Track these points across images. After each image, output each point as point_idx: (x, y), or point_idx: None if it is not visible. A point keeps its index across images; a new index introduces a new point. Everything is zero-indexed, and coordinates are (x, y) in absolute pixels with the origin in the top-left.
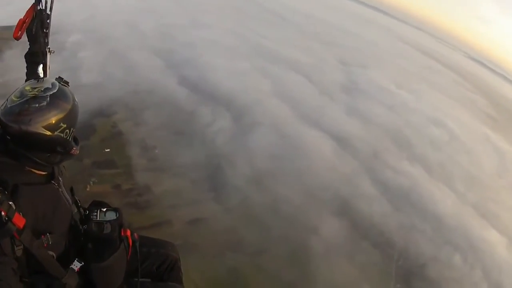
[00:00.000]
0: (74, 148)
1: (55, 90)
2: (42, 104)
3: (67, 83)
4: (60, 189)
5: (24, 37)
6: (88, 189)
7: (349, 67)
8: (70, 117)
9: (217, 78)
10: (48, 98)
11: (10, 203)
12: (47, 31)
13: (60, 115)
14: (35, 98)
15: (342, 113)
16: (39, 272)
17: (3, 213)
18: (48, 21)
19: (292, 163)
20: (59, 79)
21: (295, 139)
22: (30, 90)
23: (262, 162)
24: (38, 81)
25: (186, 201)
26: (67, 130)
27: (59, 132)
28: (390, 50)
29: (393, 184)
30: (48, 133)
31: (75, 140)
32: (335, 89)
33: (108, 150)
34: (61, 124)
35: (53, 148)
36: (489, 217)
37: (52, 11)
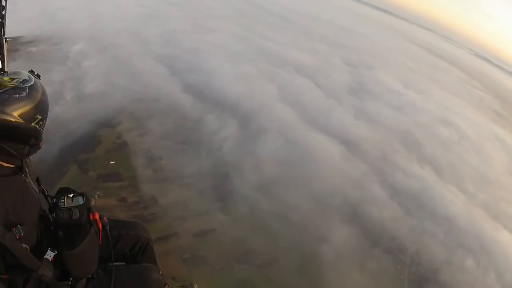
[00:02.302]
0: (42, 142)
1: (32, 82)
2: (22, 95)
3: (39, 76)
4: (27, 180)
5: None
6: (93, 203)
7: (356, 68)
8: (44, 109)
9: (223, 84)
10: (27, 90)
11: None
12: (2, 21)
13: (37, 107)
14: (14, 88)
15: (350, 116)
16: (14, 267)
17: None
18: (3, 12)
19: (300, 169)
20: (31, 72)
21: (302, 144)
22: (9, 80)
23: (269, 169)
24: (14, 73)
25: (193, 213)
26: (41, 122)
27: (35, 123)
28: (396, 50)
29: (403, 187)
30: (26, 124)
31: None
32: (342, 92)
33: (113, 162)
34: (37, 116)
35: (28, 140)
36: (501, 217)
37: (7, 1)
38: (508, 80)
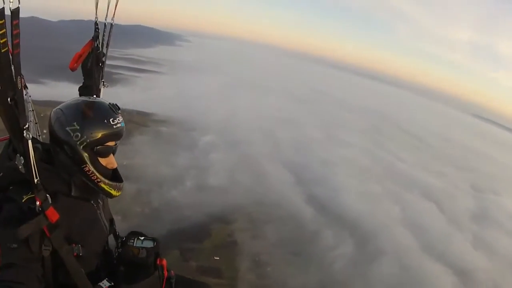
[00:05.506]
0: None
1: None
2: None
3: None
4: (98, 211)
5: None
6: None
7: (481, 193)
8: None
9: (347, 200)
10: None
11: (48, 195)
12: (102, 66)
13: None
14: None
15: (468, 245)
16: (64, 286)
17: (37, 203)
18: (103, 58)
19: None
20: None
21: (416, 271)
22: None
23: None
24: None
25: None
26: (78, 133)
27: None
28: None
29: None
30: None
31: (116, 177)
32: (464, 218)
33: (218, 258)
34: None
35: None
36: None
37: (109, 47)
38: None
